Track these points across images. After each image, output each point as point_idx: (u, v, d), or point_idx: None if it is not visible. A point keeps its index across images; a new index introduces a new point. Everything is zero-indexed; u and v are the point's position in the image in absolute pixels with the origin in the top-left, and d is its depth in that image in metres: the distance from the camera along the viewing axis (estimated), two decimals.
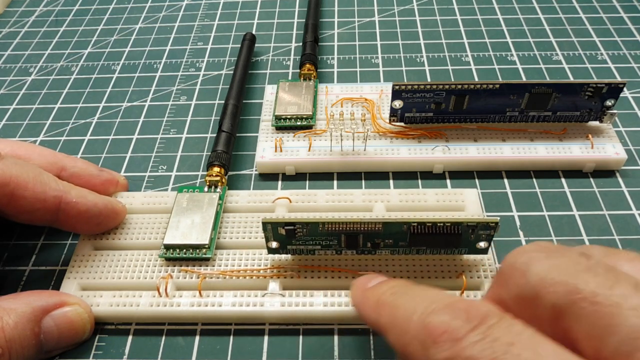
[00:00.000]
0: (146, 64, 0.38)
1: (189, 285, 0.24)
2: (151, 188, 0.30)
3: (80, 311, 0.23)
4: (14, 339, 0.20)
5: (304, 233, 0.23)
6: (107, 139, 0.33)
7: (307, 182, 0.30)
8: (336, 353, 0.22)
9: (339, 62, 0.37)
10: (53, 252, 0.27)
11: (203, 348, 0.23)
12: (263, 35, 0.40)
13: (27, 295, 0.22)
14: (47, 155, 0.26)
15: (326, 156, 0.29)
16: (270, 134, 0.31)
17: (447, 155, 0.29)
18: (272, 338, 0.23)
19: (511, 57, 0.37)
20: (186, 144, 0.32)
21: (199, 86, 0.36)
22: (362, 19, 0.41)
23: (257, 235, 0.25)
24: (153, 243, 0.25)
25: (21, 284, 0.26)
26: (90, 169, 0.27)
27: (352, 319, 0.23)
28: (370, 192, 0.27)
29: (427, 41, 0.39)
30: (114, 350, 0.23)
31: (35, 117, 0.35)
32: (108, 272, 0.24)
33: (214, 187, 0.27)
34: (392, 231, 0.22)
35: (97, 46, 0.40)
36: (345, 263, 0.24)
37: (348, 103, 0.32)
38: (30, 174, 0.23)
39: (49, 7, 0.45)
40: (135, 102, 0.35)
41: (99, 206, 0.24)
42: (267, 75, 0.37)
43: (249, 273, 0.24)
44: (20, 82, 0.38)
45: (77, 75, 0.38)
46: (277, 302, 0.23)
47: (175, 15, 0.43)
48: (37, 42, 0.41)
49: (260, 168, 0.30)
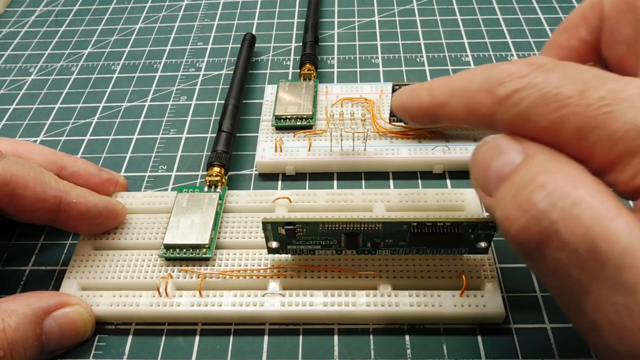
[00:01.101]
0: (146, 64, 0.38)
1: (189, 285, 0.24)
2: (151, 188, 0.30)
3: (82, 311, 0.23)
4: (15, 340, 0.20)
5: (304, 233, 0.23)
6: (107, 139, 0.33)
7: (307, 182, 0.30)
8: (336, 353, 0.22)
9: (339, 62, 0.37)
10: (53, 252, 0.27)
11: (203, 348, 0.23)
12: (263, 35, 0.40)
13: (28, 297, 0.22)
14: (47, 154, 0.26)
15: (326, 156, 0.29)
16: (270, 134, 0.31)
17: (447, 155, 0.29)
18: (272, 338, 0.23)
19: (511, 57, 0.37)
20: (186, 144, 0.32)
21: (199, 86, 0.36)
22: (362, 19, 0.41)
23: (257, 235, 0.25)
24: (153, 243, 0.25)
25: (21, 284, 0.26)
26: (89, 169, 0.27)
27: (352, 318, 0.23)
28: (370, 192, 0.27)
29: (427, 41, 0.39)
30: (114, 350, 0.23)
31: (35, 117, 0.35)
32: (108, 272, 0.24)
33: (214, 187, 0.27)
34: (392, 231, 0.22)
35: (97, 46, 0.40)
36: (345, 263, 0.24)
37: (348, 103, 0.32)
38: (31, 173, 0.23)
39: (49, 7, 0.45)
40: (135, 102, 0.35)
41: (99, 206, 0.24)
42: (267, 75, 0.37)
43: (249, 273, 0.24)
44: (20, 82, 0.38)
45: (77, 75, 0.38)
46: (277, 302, 0.23)
47: (175, 15, 0.43)
48: (37, 42, 0.41)
49: (260, 168, 0.30)
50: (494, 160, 0.16)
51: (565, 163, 0.14)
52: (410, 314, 0.22)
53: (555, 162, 0.15)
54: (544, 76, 0.15)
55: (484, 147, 0.17)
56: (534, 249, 0.14)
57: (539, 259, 0.14)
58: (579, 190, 0.13)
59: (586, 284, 0.13)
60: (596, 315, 0.13)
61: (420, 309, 0.22)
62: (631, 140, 0.13)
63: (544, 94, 0.15)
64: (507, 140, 0.16)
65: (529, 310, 0.23)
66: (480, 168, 0.16)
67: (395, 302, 0.23)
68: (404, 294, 0.23)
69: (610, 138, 0.14)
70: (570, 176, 0.14)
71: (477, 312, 0.22)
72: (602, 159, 0.14)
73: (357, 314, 0.23)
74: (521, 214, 0.14)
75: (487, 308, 0.22)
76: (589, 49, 0.20)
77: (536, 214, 0.14)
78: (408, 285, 0.23)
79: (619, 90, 0.14)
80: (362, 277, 0.24)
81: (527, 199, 0.14)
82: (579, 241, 0.13)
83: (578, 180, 0.14)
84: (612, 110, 0.14)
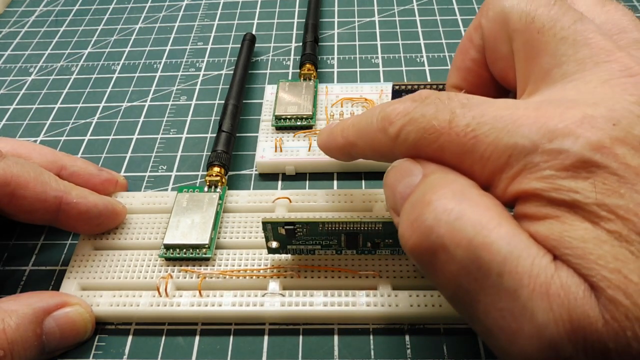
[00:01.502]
0: (146, 64, 0.38)
1: (189, 285, 0.24)
2: (151, 188, 0.30)
3: (82, 311, 0.23)
4: (16, 340, 0.20)
5: (304, 233, 0.23)
6: (107, 139, 0.33)
7: (307, 182, 0.30)
8: (336, 353, 0.22)
9: (339, 62, 0.37)
10: (53, 252, 0.27)
11: (203, 348, 0.23)
12: (263, 35, 0.40)
13: (28, 297, 0.22)
14: (47, 154, 0.26)
15: (326, 156, 0.29)
16: (270, 134, 0.31)
17: None
18: (272, 338, 0.23)
19: None
20: (186, 144, 0.32)
21: (199, 86, 0.36)
22: (362, 19, 0.41)
23: (257, 235, 0.25)
24: (153, 243, 0.25)
25: (21, 284, 0.26)
26: (89, 169, 0.27)
27: (352, 318, 0.23)
28: (370, 192, 0.27)
29: (427, 41, 0.39)
30: (114, 350, 0.23)
31: (35, 117, 0.35)
32: (108, 272, 0.24)
33: (214, 187, 0.27)
34: (392, 231, 0.22)
35: (97, 46, 0.40)
36: (345, 263, 0.24)
37: (348, 103, 0.32)
38: (32, 173, 0.23)
39: (49, 7, 0.45)
40: (135, 102, 0.35)
41: (99, 207, 0.24)
42: (267, 75, 0.37)
43: (249, 273, 0.24)
44: (20, 82, 0.38)
45: (77, 75, 0.38)
46: (277, 302, 0.23)
47: (175, 15, 0.43)
48: (37, 42, 0.41)
49: (260, 168, 0.30)
50: (400, 182, 0.17)
51: (453, 180, 0.15)
52: (410, 314, 0.22)
53: (445, 179, 0.15)
54: (422, 110, 0.16)
55: (392, 170, 0.18)
56: (427, 263, 0.15)
57: (432, 272, 0.15)
58: (462, 204, 0.14)
59: (475, 293, 0.14)
60: (487, 321, 0.14)
61: (420, 309, 0.22)
62: (495, 160, 0.15)
63: (422, 127, 0.16)
64: (410, 163, 0.17)
65: None
66: (389, 191, 0.18)
67: (395, 302, 0.23)
68: (404, 294, 0.23)
69: (480, 159, 0.15)
70: (456, 191, 0.15)
71: None
72: (480, 177, 0.15)
73: (357, 314, 0.23)
74: (412, 231, 0.15)
75: None
76: (482, 67, 0.21)
77: (425, 230, 0.15)
78: (408, 285, 0.23)
79: (481, 115, 0.15)
80: (362, 277, 0.24)
81: (417, 217, 0.15)
82: (464, 253, 0.14)
83: (463, 195, 0.15)
84: (476, 135, 0.15)
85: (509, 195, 0.15)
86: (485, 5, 0.20)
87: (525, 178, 0.14)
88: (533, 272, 0.13)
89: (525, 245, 0.13)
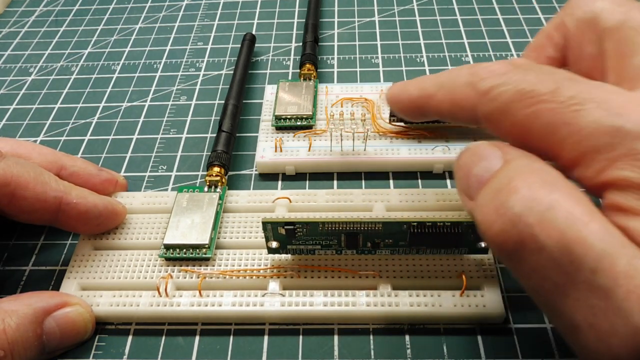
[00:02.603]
0: (146, 64, 0.38)
1: (189, 285, 0.24)
2: (151, 188, 0.30)
3: (82, 311, 0.23)
4: (16, 340, 0.20)
5: (304, 233, 0.23)
6: (107, 139, 0.33)
7: (307, 182, 0.30)
8: (336, 353, 0.22)
9: (339, 62, 0.37)
10: (53, 252, 0.27)
11: (203, 348, 0.23)
12: (263, 35, 0.40)
13: (28, 297, 0.22)
14: (47, 154, 0.26)
15: (326, 156, 0.29)
16: (270, 134, 0.31)
17: (447, 155, 0.29)
18: (272, 338, 0.23)
19: (511, 57, 0.37)
20: (186, 144, 0.32)
21: (199, 86, 0.36)
22: (362, 19, 0.41)
23: (257, 235, 0.25)
24: (153, 243, 0.25)
25: (21, 284, 0.26)
26: (89, 169, 0.27)
27: (352, 318, 0.23)
28: (370, 192, 0.27)
29: (427, 41, 0.39)
30: (114, 350, 0.23)
31: (35, 117, 0.35)
32: (108, 272, 0.24)
33: (214, 187, 0.27)
34: (392, 231, 0.22)
35: (97, 46, 0.40)
36: (345, 263, 0.24)
37: (348, 103, 0.32)
38: (31, 173, 0.23)
39: (49, 7, 0.45)
40: (135, 102, 0.35)
41: (99, 207, 0.24)
42: (267, 75, 0.37)
43: (249, 273, 0.24)
44: (20, 82, 0.38)
45: (77, 75, 0.38)
46: (277, 302, 0.23)
47: (175, 15, 0.43)
48: (37, 42, 0.41)
49: (260, 168, 0.30)
50: (475, 166, 0.16)
51: (541, 168, 0.15)
52: (410, 314, 0.22)
53: (532, 166, 0.15)
54: (521, 75, 0.16)
55: (466, 152, 0.17)
56: (512, 252, 0.15)
57: (517, 261, 0.15)
58: (554, 194, 0.14)
59: (564, 287, 0.14)
60: (575, 317, 0.13)
61: (420, 309, 0.22)
62: (597, 138, 0.14)
63: (519, 90, 0.16)
64: (488, 147, 0.17)
65: (529, 310, 0.23)
66: (463, 173, 0.17)
67: (395, 302, 0.23)
68: (404, 294, 0.23)
69: (578, 134, 0.15)
70: (546, 180, 0.14)
71: (477, 312, 0.22)
72: (570, 153, 0.15)
73: (357, 314, 0.23)
74: (497, 217, 0.15)
75: (487, 308, 0.22)
76: (557, 64, 0.21)
77: (512, 217, 0.14)
78: (408, 285, 0.23)
79: (588, 92, 0.15)
80: (362, 277, 0.24)
81: (503, 203, 0.15)
82: (555, 245, 0.13)
83: (553, 185, 0.14)
84: (580, 109, 0.14)
85: (601, 179, 0.14)
86: (570, 6, 0.20)
87: (627, 164, 0.14)
88: (629, 273, 0.12)
89: (620, 243, 0.13)
